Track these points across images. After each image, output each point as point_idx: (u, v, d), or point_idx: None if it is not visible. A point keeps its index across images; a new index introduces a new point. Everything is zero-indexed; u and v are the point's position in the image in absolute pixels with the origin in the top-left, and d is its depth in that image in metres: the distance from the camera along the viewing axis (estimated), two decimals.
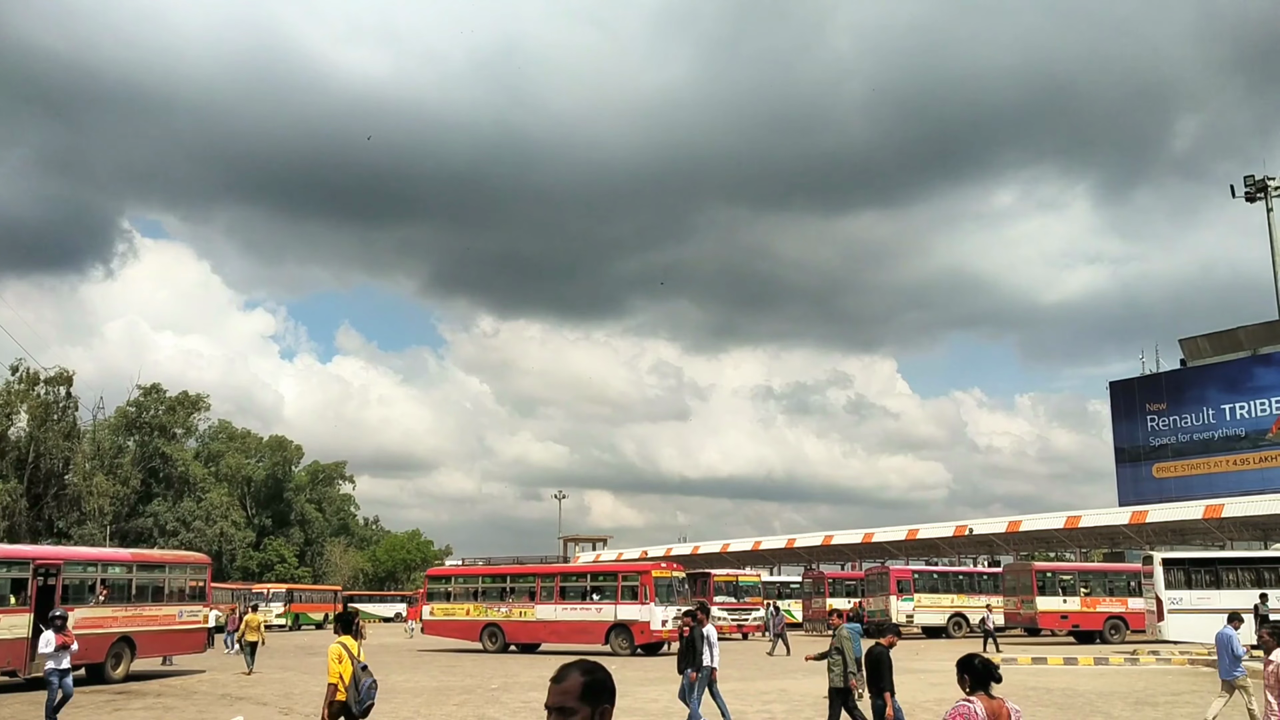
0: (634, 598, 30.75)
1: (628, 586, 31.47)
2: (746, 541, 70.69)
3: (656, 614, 29.97)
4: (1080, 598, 39.01)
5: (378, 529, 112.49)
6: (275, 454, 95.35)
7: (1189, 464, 55.60)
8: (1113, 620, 38.78)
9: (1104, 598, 39.43)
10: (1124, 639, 37.68)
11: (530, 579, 34.34)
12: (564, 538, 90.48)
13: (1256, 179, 28.55)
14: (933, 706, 17.55)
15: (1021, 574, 41.06)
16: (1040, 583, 39.44)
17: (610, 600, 31.27)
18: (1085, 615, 38.57)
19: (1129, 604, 38.88)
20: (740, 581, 43.27)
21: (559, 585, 33.20)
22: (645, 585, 30.79)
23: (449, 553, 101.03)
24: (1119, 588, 39.98)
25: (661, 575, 31.68)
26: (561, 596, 32.68)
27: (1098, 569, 44.32)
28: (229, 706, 17.65)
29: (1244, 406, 53.60)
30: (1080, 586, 39.45)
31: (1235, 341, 55.97)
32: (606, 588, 32.26)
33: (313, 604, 64.49)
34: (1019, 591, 40.27)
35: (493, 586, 35.06)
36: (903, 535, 58.44)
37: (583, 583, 33.54)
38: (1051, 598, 38.91)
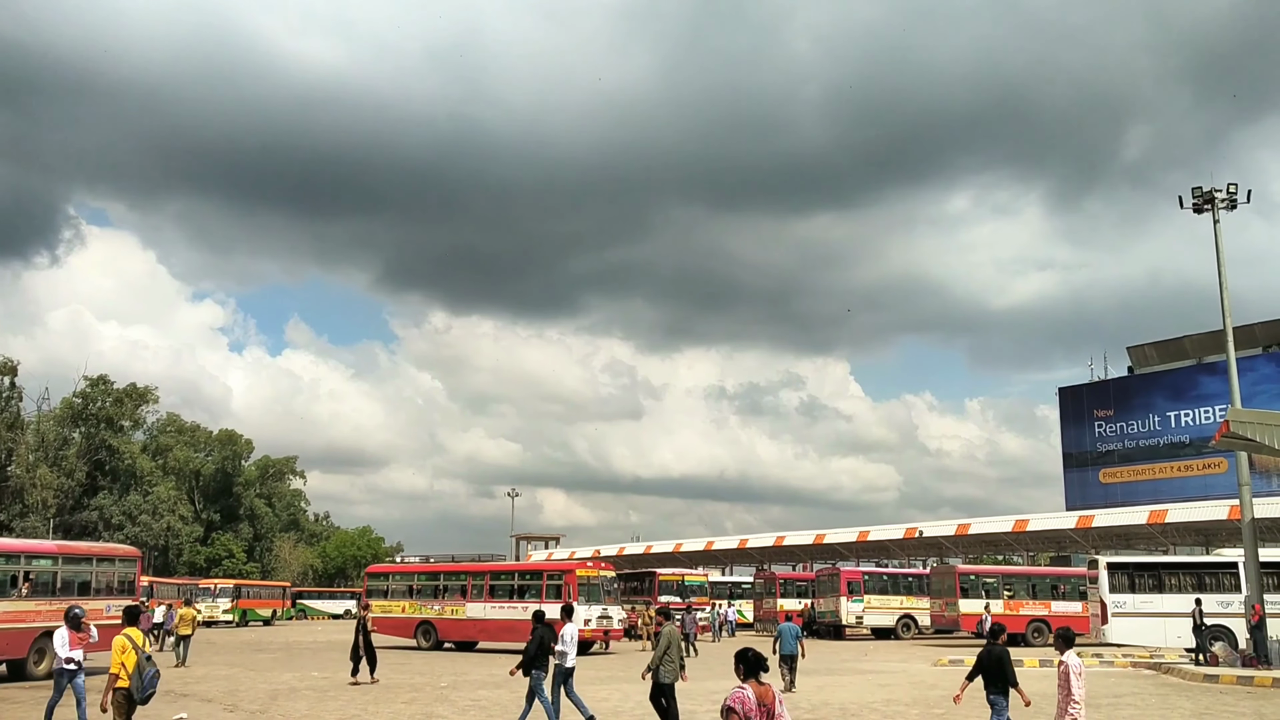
0: (558, 597, 30.86)
1: (552, 586, 31.60)
2: (699, 541, 70.92)
3: (579, 613, 29.96)
4: (1003, 600, 39.28)
5: (328, 525, 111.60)
6: (225, 448, 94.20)
7: (1134, 470, 56.54)
8: (1035, 623, 38.98)
9: (1027, 601, 39.73)
10: (1046, 641, 38.03)
11: (462, 577, 34.43)
12: (516, 536, 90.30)
13: (1204, 190, 28.93)
14: (880, 707, 17.68)
15: (946, 577, 41.33)
16: (964, 585, 39.72)
17: (536, 599, 31.32)
18: (1008, 618, 38.64)
19: (1051, 607, 39.42)
20: (686, 581, 43.20)
21: (489, 584, 33.40)
22: (569, 585, 30.93)
23: (400, 549, 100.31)
24: (1042, 591, 40.42)
25: (585, 575, 31.82)
26: (491, 595, 32.85)
27: (1021, 572, 44.77)
28: (172, 704, 17.39)
29: (1189, 414, 54.59)
30: (1004, 589, 39.77)
31: (1181, 350, 56.98)
32: (532, 587, 32.45)
33: (261, 600, 63.78)
34: (943, 594, 40.57)
35: (427, 585, 35.16)
36: (854, 537, 58.92)
37: (510, 581, 33.76)
38: (974, 600, 39.13)
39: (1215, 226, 28.86)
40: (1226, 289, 28.85)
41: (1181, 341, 56.97)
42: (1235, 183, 28.92)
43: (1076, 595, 40.09)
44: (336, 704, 17.71)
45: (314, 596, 78.69)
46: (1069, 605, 39.56)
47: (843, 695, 19.60)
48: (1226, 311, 28.99)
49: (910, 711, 17.16)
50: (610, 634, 32.05)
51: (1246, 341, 47.19)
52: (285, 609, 67.19)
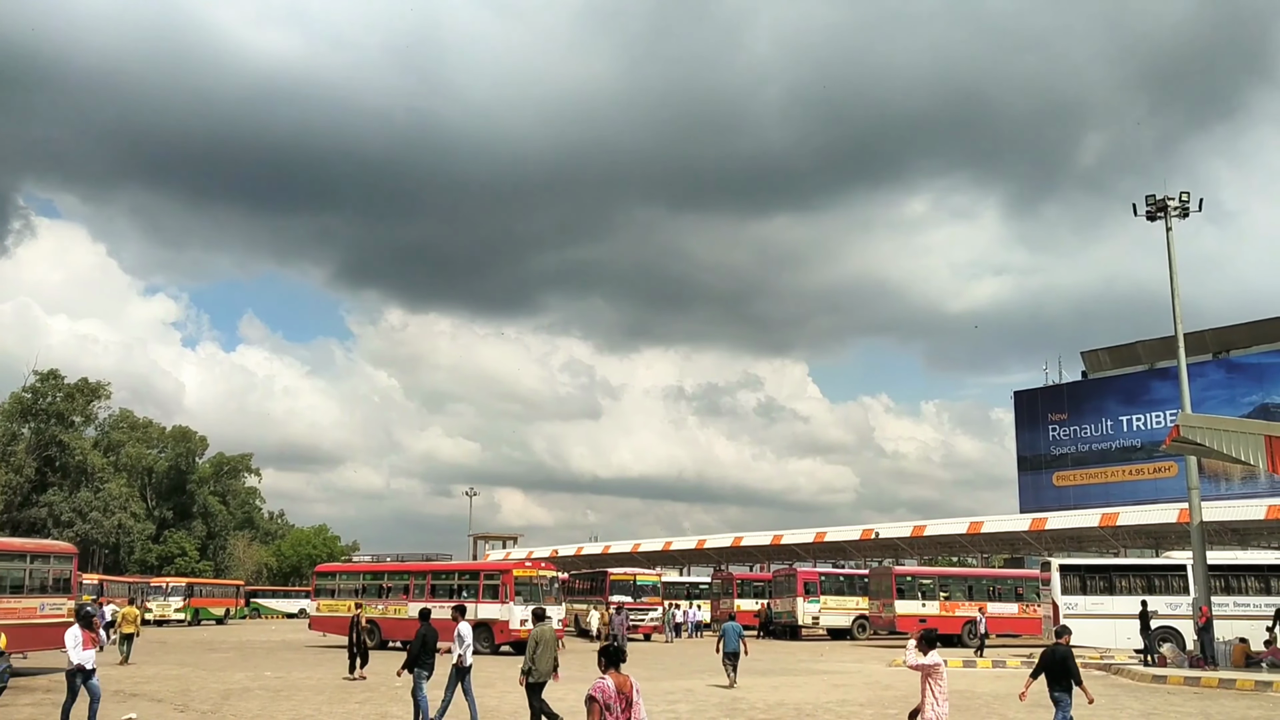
0: (495, 597, 30.78)
1: (489, 585, 31.58)
2: (657, 542, 70.95)
3: (515, 613, 30.11)
4: (939, 602, 39.54)
5: (283, 523, 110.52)
6: (178, 445, 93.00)
7: (1087, 473, 57.30)
8: (971, 624, 39.06)
9: (962, 602, 39.98)
10: (980, 643, 38.33)
11: (405, 576, 34.55)
12: (474, 535, 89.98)
13: (1158, 199, 29.38)
14: (835, 707, 17.79)
15: (883, 578, 41.50)
16: (900, 587, 39.94)
17: (474, 599, 31.31)
18: (943, 619, 38.94)
19: (988, 608, 39.47)
20: (638, 580, 43.08)
21: (430, 584, 33.45)
22: (506, 584, 30.94)
23: (356, 548, 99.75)
24: (978, 592, 40.71)
25: (523, 574, 31.84)
26: (432, 595, 32.72)
27: (956, 574, 44.99)
28: (122, 703, 17.14)
29: (1140, 418, 55.40)
30: (939, 591, 40.03)
31: (1134, 355, 57.81)
32: (471, 586, 32.43)
33: (214, 599, 63.03)
34: (880, 595, 40.74)
35: (371, 584, 35.35)
36: (811, 538, 59.17)
37: (450, 581, 33.73)
38: (910, 601, 39.41)
39: (1168, 234, 29.30)
40: (1178, 296, 29.31)
41: (1134, 347, 57.80)
42: (1188, 191, 29.40)
43: (1012, 596, 40.40)
44: (290, 704, 17.56)
45: (268, 595, 77.91)
46: (1005, 606, 39.88)
47: (798, 695, 19.70)
48: (1178, 318, 29.45)
49: (865, 712, 17.28)
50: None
51: (1197, 348, 47.94)
52: (239, 608, 66.51)
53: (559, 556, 76.44)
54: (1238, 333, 53.27)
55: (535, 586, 31.81)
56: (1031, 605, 39.79)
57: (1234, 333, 53.34)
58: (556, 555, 77.19)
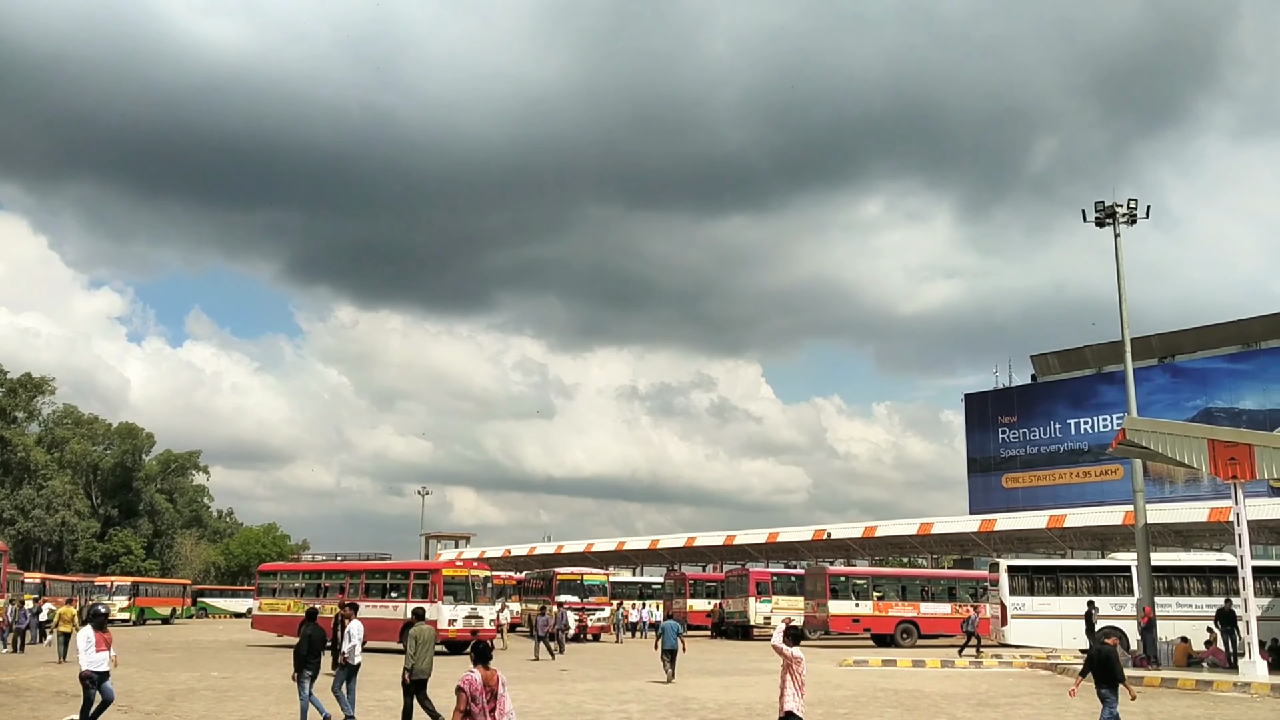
0: (424, 596, 30.71)
1: (419, 585, 31.46)
2: (610, 541, 70.91)
3: (444, 612, 29.99)
4: (873, 602, 39.44)
5: (232, 522, 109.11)
6: (124, 441, 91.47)
7: (1036, 475, 58.08)
8: (904, 624, 39.27)
9: (896, 602, 39.93)
10: (914, 643, 38.41)
11: (341, 576, 34.53)
12: (426, 535, 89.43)
13: (1106, 205, 29.83)
14: None
15: (817, 578, 41.34)
16: (834, 587, 39.74)
17: (404, 598, 31.28)
18: (877, 619, 39.03)
19: (921, 608, 39.83)
20: (585, 580, 42.93)
21: (364, 583, 33.40)
22: (435, 584, 30.85)
23: (306, 547, 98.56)
24: (912, 592, 40.74)
25: (453, 574, 31.73)
26: (366, 594, 32.63)
27: (890, 574, 44.97)
28: (64, 704, 16.83)
29: (1088, 422, 56.26)
30: (873, 591, 39.99)
31: (1082, 359, 58.71)
32: (401, 586, 32.31)
33: (160, 598, 62.15)
34: (815, 595, 40.63)
35: (310, 584, 35.32)
36: (763, 538, 59.43)
37: (382, 580, 33.66)
38: (844, 601, 39.22)
39: (1116, 241, 29.75)
40: (1125, 301, 29.78)
41: (1083, 351, 58.69)
42: (1135, 199, 29.90)
43: (946, 597, 40.57)
44: (236, 704, 17.33)
45: (216, 595, 76.91)
46: (938, 607, 39.99)
47: (749, 695, 19.75)
48: (1125, 323, 29.92)
49: (815, 712, 17.35)
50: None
51: (1144, 352, 48.78)
52: (185, 607, 65.61)
53: (512, 556, 76.17)
54: (1183, 338, 54.28)
55: (466, 586, 31.67)
56: (965, 606, 39.96)
57: (1179, 338, 54.35)
58: (509, 555, 76.92)
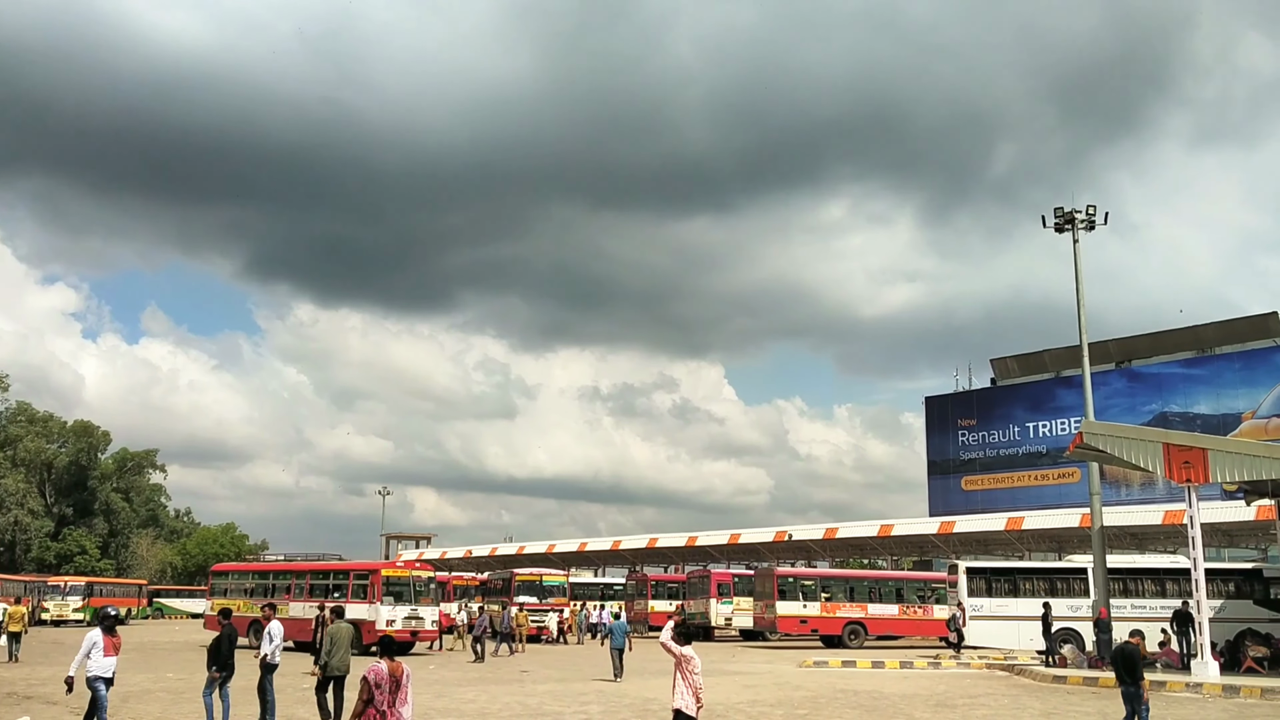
0: (364, 597, 30.62)
1: (359, 585, 31.34)
2: (572, 542, 70.86)
3: (382, 613, 29.97)
4: (821, 603, 39.43)
5: (189, 521, 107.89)
6: (80, 439, 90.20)
7: (995, 478, 58.62)
8: (852, 625, 39.27)
9: (844, 603, 39.85)
10: (861, 644, 38.44)
11: (287, 576, 34.60)
12: (386, 535, 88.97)
13: (1065, 211, 30.20)
14: (746, 708, 17.91)
15: (765, 579, 41.30)
16: (781, 587, 39.69)
17: (344, 599, 31.05)
18: (824, 620, 39.08)
19: (869, 609, 39.80)
20: (544, 581, 42.76)
21: (309, 584, 33.36)
22: (374, 584, 30.73)
23: (265, 547, 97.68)
24: (859, 593, 40.63)
25: (393, 574, 31.66)
26: (310, 595, 32.60)
27: (838, 575, 44.93)
28: (15, 706, 16.58)
29: (1046, 425, 56.86)
30: (821, 592, 39.97)
31: (1041, 363, 59.33)
32: (344, 586, 32.22)
33: (115, 598, 61.26)
34: (764, 596, 40.62)
35: (259, 584, 35.37)
36: (725, 539, 59.58)
37: (325, 581, 33.56)
38: (792, 602, 39.20)
39: (1075, 246, 30.11)
40: (1084, 306, 30.14)
41: (1041, 355, 59.29)
42: (1094, 205, 30.31)
43: (894, 598, 40.66)
44: (191, 706, 17.12)
45: (172, 595, 76.02)
46: (886, 608, 40.06)
47: (709, 696, 19.66)
48: (1083, 328, 30.28)
49: (775, 712, 17.42)
50: (420, 635, 31.46)
51: (1101, 357, 49.37)
52: (141, 608, 64.82)
53: (473, 557, 75.95)
54: (1139, 343, 55.00)
55: (406, 586, 31.54)
56: (912, 607, 40.08)
57: (1136, 343, 55.06)
58: (470, 556, 76.69)
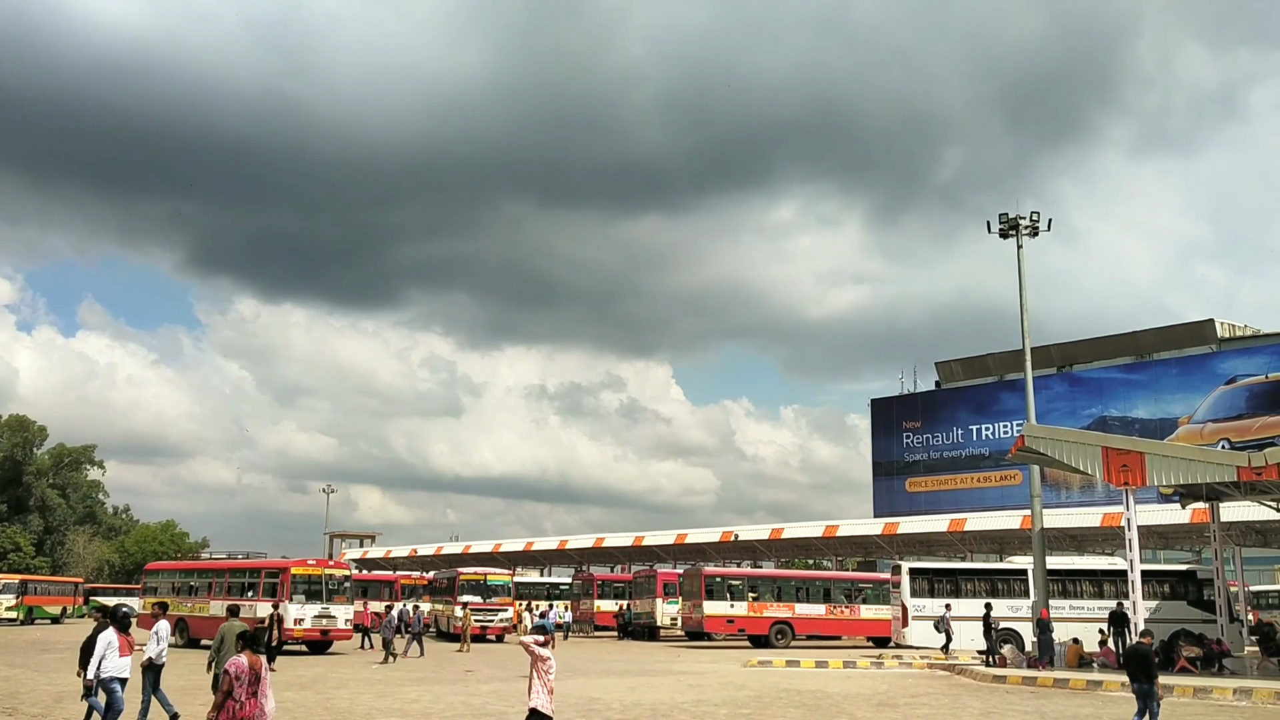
0: (274, 595, 30.43)
1: (270, 583, 31.17)
2: (519, 542, 70.63)
3: (291, 612, 29.78)
4: (748, 602, 39.45)
5: (128, 519, 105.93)
6: (14, 434, 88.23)
7: (938, 480, 59.30)
8: (779, 625, 39.25)
9: (771, 603, 39.93)
10: (788, 644, 38.51)
11: (210, 575, 34.47)
12: (330, 533, 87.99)
13: (1010, 217, 30.64)
14: (690, 707, 17.95)
15: (693, 579, 41.27)
16: (709, 587, 39.68)
17: (257, 597, 31.11)
18: (752, 620, 39.11)
19: (796, 609, 39.85)
20: (488, 580, 42.51)
21: (227, 582, 33.22)
22: (284, 582, 30.57)
23: (205, 545, 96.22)
24: (787, 594, 40.75)
25: (304, 572, 31.44)
26: (228, 593, 32.40)
27: (766, 575, 45.08)
28: None
29: (989, 428, 57.62)
30: (749, 592, 40.00)
31: (985, 367, 60.14)
32: (257, 584, 32.05)
33: (50, 596, 60.16)
34: (691, 596, 40.58)
35: (184, 582, 35.29)
36: (672, 539, 59.74)
37: (241, 579, 33.38)
38: (720, 602, 39.22)
39: (1019, 252, 30.55)
40: (1027, 312, 30.60)
41: (985, 359, 60.09)
42: (1038, 211, 30.77)
43: (821, 598, 40.78)
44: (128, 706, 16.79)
45: (109, 593, 74.49)
46: (813, 608, 40.18)
47: (653, 696, 19.82)
48: (1026, 333, 30.75)
49: (719, 712, 17.48)
50: (331, 634, 31.12)
51: (1043, 361, 50.13)
52: (77, 606, 63.56)
53: (418, 556, 75.42)
54: (1080, 348, 55.95)
55: (319, 585, 31.28)
56: (839, 607, 40.28)
57: (1077, 348, 56.01)
58: (416, 555, 76.16)
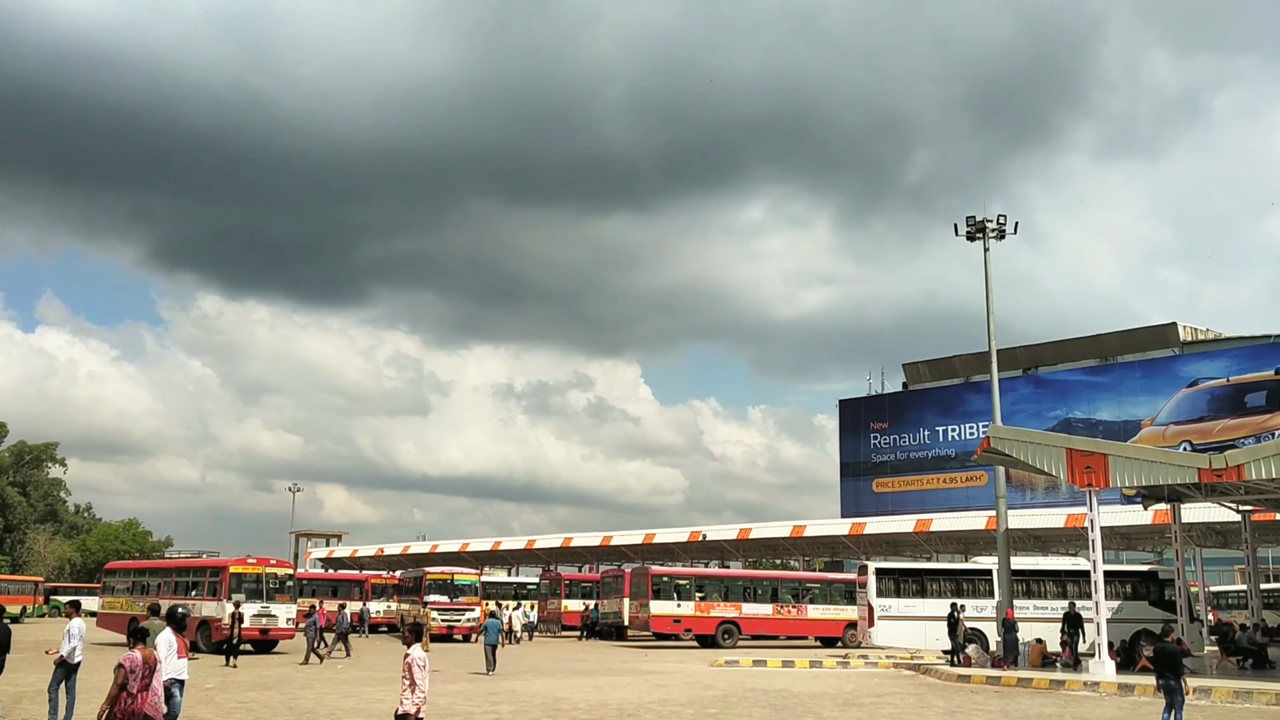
0: (215, 595, 30.31)
1: (213, 583, 30.97)
2: (486, 541, 70.42)
3: (229, 610, 29.54)
4: (695, 602, 39.33)
5: (90, 517, 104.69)
6: None
7: (905, 480, 59.66)
8: (725, 625, 39.19)
9: (718, 603, 39.81)
10: (735, 643, 38.45)
11: (160, 574, 34.62)
12: (296, 533, 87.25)
13: (977, 220, 30.86)
14: (656, 707, 17.95)
15: (641, 578, 41.09)
16: (656, 587, 39.51)
17: (199, 596, 31.02)
18: (698, 619, 39.03)
19: (743, 609, 39.73)
20: (456, 580, 42.27)
21: (174, 581, 33.16)
22: (222, 581, 30.40)
23: (169, 544, 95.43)
24: (734, 593, 40.61)
25: (244, 571, 31.24)
26: (175, 592, 32.27)
27: (715, 575, 45.03)
28: None
29: (955, 429, 58.04)
30: (696, 592, 39.89)
31: (951, 369, 60.57)
32: (199, 584, 31.90)
33: (9, 596, 59.30)
34: (639, 595, 40.40)
35: (137, 581, 35.25)
36: (640, 539, 59.77)
37: (187, 578, 33.26)
38: (666, 602, 39.05)
39: (985, 255, 30.77)
40: (993, 314, 30.83)
41: (952, 360, 60.52)
42: (1005, 215, 31.01)
43: (769, 598, 40.76)
44: (87, 707, 16.56)
45: (70, 592, 73.71)
46: (760, 608, 40.05)
47: (620, 696, 19.81)
48: (992, 335, 30.99)
49: (685, 711, 17.50)
50: (272, 632, 30.90)
51: (1009, 363, 50.54)
52: (37, 605, 62.87)
53: (385, 556, 75.05)
54: (1046, 350, 56.48)
55: (260, 583, 31.09)
56: (786, 606, 40.27)
57: (1042, 350, 56.53)
58: (382, 554, 75.77)
